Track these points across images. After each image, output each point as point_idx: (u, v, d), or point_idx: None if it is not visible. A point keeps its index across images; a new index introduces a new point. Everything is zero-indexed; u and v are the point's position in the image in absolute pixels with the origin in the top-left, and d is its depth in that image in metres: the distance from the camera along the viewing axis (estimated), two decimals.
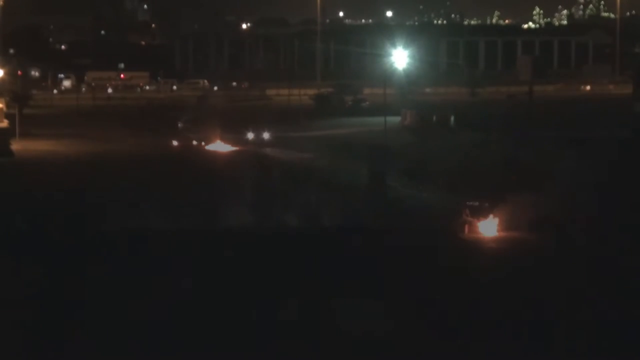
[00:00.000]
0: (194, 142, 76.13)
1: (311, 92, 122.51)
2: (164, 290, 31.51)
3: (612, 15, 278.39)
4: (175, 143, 76.70)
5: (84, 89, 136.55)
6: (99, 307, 29.37)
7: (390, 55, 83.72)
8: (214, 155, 71.38)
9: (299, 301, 30.42)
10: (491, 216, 41.44)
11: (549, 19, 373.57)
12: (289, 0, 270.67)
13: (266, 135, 76.05)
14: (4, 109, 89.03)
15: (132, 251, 36.97)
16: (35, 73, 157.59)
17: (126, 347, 26.28)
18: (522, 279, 33.78)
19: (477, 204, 42.09)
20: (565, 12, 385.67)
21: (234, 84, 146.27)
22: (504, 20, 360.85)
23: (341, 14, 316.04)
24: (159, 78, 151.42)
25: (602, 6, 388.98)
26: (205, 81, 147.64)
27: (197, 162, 66.25)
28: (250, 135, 76.28)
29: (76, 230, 34.17)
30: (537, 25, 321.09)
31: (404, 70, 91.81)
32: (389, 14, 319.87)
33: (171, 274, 33.66)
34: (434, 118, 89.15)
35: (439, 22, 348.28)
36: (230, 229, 42.07)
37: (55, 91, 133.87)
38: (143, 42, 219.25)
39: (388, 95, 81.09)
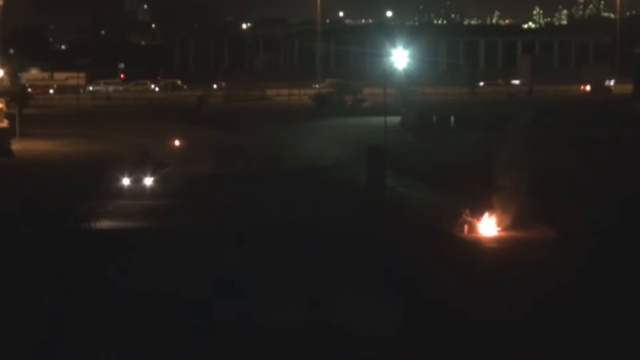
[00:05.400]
0: None
1: (311, 92, 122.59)
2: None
3: (612, 15, 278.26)
4: None
5: None
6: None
7: (390, 55, 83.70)
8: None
9: (297, 297, 30.46)
10: (491, 216, 41.44)
11: (549, 19, 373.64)
12: (289, 0, 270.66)
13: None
14: (4, 109, 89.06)
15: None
16: (35, 73, 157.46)
17: None
18: (523, 279, 33.78)
19: (476, 203, 42.12)
20: (565, 12, 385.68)
21: (215, 86, 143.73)
22: (504, 20, 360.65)
23: (341, 14, 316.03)
24: (158, 77, 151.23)
25: (602, 6, 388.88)
26: (148, 81, 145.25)
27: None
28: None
29: (74, 229, 34.01)
30: (537, 25, 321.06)
31: (404, 70, 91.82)
32: (389, 14, 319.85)
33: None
34: (434, 118, 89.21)
35: (439, 22, 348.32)
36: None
37: None
38: (143, 42, 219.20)
39: (388, 95, 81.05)
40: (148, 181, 53.21)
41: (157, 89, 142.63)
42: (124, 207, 44.65)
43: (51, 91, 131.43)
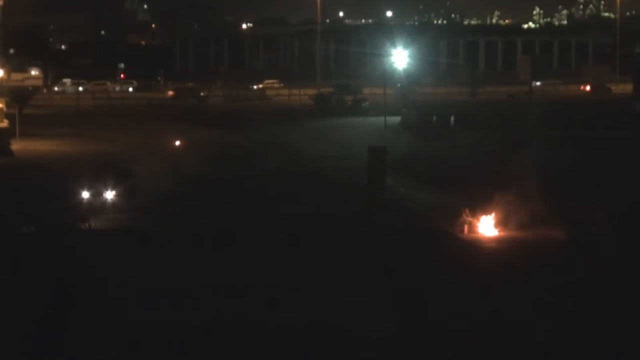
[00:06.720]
0: None
1: (311, 92, 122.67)
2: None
3: (612, 15, 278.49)
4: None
5: None
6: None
7: (390, 55, 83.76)
8: None
9: (299, 297, 30.46)
10: (491, 216, 41.42)
11: (549, 19, 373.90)
12: (289, 0, 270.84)
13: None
14: (4, 109, 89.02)
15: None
16: (35, 73, 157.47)
17: None
18: (523, 279, 33.76)
19: (476, 203, 42.10)
20: (565, 12, 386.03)
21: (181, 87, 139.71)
22: (504, 20, 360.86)
23: (341, 14, 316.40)
24: (158, 78, 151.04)
25: (602, 6, 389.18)
26: (108, 82, 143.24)
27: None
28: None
29: (73, 230, 34.09)
30: (537, 25, 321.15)
31: (404, 70, 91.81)
32: (389, 14, 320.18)
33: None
34: (434, 118, 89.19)
35: (439, 22, 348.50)
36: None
37: None
38: (143, 42, 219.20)
39: (388, 95, 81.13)
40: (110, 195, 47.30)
41: (131, 89, 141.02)
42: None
43: None
